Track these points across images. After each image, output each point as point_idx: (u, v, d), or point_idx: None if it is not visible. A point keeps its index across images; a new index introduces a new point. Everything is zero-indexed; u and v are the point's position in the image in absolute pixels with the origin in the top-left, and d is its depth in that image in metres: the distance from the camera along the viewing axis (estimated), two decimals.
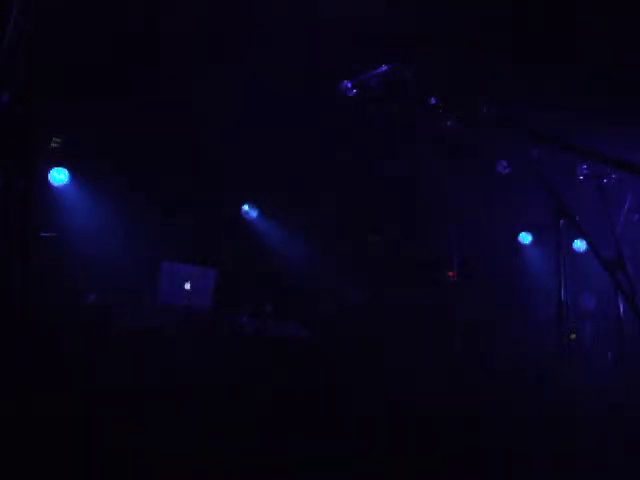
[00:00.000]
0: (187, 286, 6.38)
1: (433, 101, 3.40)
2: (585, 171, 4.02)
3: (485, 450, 4.39)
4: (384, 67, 3.48)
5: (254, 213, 8.42)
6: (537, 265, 9.05)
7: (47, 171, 7.13)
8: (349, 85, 3.54)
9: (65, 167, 7.23)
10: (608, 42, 5.88)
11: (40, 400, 4.14)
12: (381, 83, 3.48)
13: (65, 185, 7.26)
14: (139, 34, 5.83)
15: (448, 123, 3.41)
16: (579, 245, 8.08)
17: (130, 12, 5.64)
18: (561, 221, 3.41)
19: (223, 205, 7.76)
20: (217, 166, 7.06)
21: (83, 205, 7.28)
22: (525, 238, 9.24)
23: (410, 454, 4.57)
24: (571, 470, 3.45)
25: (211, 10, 5.72)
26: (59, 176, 7.21)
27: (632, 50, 5.84)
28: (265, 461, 4.41)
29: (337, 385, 5.62)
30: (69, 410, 4.56)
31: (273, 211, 8.41)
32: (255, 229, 8.44)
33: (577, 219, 3.37)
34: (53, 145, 7.00)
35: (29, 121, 2.62)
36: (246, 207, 8.38)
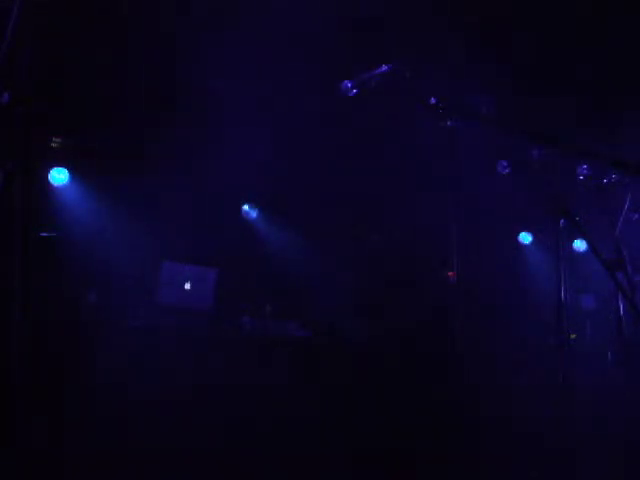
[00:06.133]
0: (187, 286, 6.37)
1: (433, 101, 3.40)
2: (585, 171, 4.02)
3: (484, 450, 4.39)
4: (384, 67, 3.47)
5: (254, 213, 8.41)
6: (537, 265, 9.04)
7: (47, 171, 7.12)
8: (349, 85, 3.54)
9: (65, 167, 7.22)
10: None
11: (40, 400, 4.13)
12: (381, 83, 3.48)
13: (65, 185, 7.25)
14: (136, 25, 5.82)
15: (448, 123, 3.41)
16: (579, 245, 8.08)
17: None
18: (561, 221, 3.41)
19: (223, 205, 7.75)
20: (217, 166, 7.05)
21: (83, 205, 7.27)
22: (525, 238, 9.23)
23: (409, 454, 4.57)
24: (571, 470, 3.45)
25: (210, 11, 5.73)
26: (59, 176, 7.20)
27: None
28: (265, 461, 4.41)
29: (337, 385, 5.62)
30: (69, 410, 4.56)
31: (273, 211, 8.40)
32: (255, 229, 8.43)
33: (577, 219, 3.37)
34: (53, 145, 6.99)
35: (29, 121, 2.62)
36: (246, 207, 8.37)
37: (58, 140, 6.96)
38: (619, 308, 3.89)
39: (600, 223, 3.72)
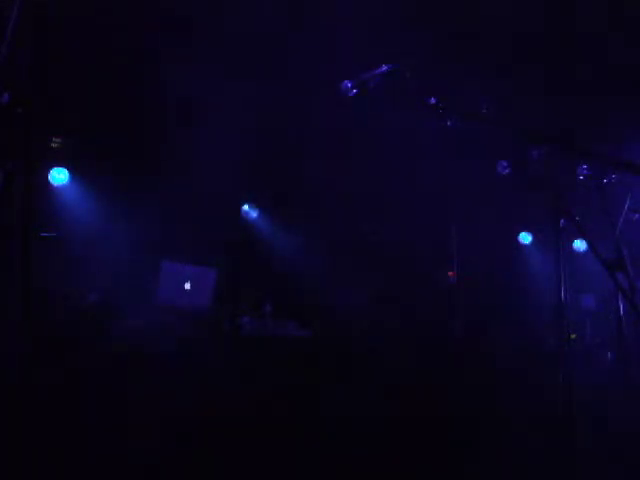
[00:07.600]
0: (187, 286, 6.37)
1: (433, 101, 3.40)
2: (585, 171, 4.02)
3: (484, 450, 4.39)
4: (384, 67, 3.47)
5: (254, 213, 8.41)
6: (537, 265, 9.05)
7: (47, 171, 7.13)
8: (349, 85, 3.54)
9: (65, 167, 7.22)
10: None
11: (40, 400, 4.13)
12: (381, 83, 3.48)
13: (65, 185, 7.26)
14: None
15: (448, 123, 3.41)
16: (579, 245, 8.08)
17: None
18: (561, 221, 3.41)
19: (223, 205, 7.76)
20: (217, 166, 7.05)
21: (83, 205, 7.28)
22: (525, 238, 9.24)
23: (409, 454, 4.57)
24: (571, 470, 3.45)
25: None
26: (59, 176, 7.21)
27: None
28: (265, 461, 4.41)
29: (337, 385, 5.62)
30: (69, 410, 4.56)
31: (273, 211, 8.41)
32: (255, 229, 8.43)
33: (577, 219, 3.37)
34: (53, 145, 7.00)
35: (29, 121, 2.62)
36: (246, 207, 8.37)
37: (58, 140, 6.97)
38: (619, 308, 3.89)
39: (600, 223, 3.72)
